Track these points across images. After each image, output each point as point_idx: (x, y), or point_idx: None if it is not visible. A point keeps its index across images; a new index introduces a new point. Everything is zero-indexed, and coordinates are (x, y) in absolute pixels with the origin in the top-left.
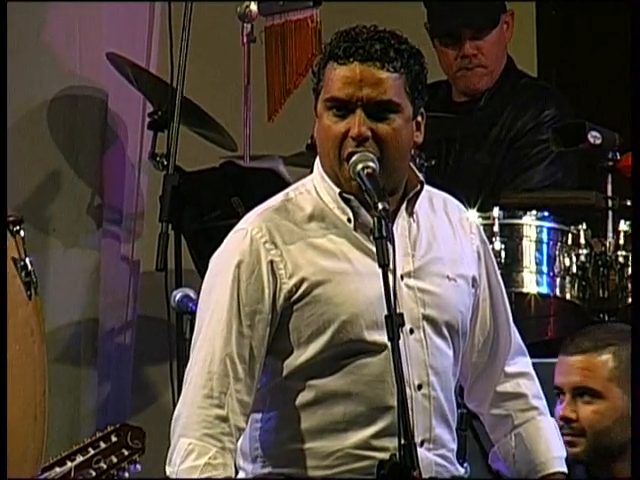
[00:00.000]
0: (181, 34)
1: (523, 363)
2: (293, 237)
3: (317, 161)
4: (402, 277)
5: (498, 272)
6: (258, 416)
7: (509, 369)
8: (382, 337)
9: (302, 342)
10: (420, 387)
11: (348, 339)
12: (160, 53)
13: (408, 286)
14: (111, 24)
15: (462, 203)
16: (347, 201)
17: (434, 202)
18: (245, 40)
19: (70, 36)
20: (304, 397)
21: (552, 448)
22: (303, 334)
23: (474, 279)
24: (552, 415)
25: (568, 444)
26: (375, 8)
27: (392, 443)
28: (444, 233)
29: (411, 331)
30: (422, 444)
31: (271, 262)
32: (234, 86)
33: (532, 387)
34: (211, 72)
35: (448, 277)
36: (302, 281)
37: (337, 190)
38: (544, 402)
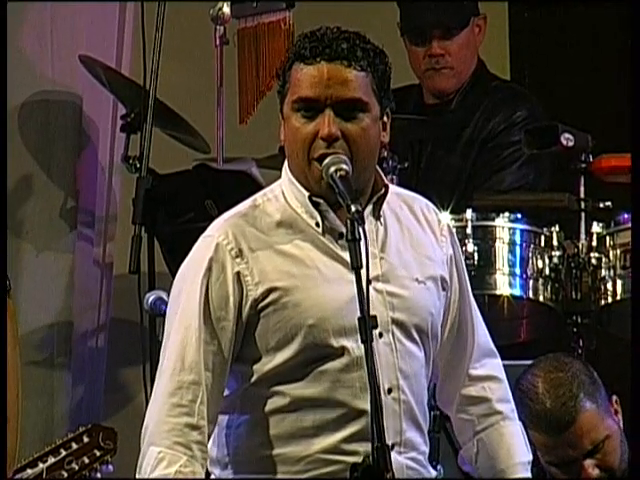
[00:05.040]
0: (154, 36)
1: (490, 366)
2: (260, 244)
3: (285, 165)
4: (370, 281)
5: (466, 275)
6: (228, 422)
7: (474, 372)
8: (350, 342)
9: (270, 349)
10: (390, 391)
11: (315, 344)
12: (132, 55)
13: (376, 290)
14: (83, 27)
15: (435, 205)
16: (316, 205)
17: (406, 204)
18: (218, 42)
19: (42, 39)
20: (274, 403)
21: (514, 454)
22: (271, 341)
23: (444, 280)
24: None
25: None
26: (347, 11)
27: (362, 447)
28: (414, 235)
29: (380, 335)
30: (393, 447)
31: (236, 270)
32: (207, 88)
33: (497, 391)
34: (184, 74)
35: (417, 280)
36: (269, 288)
37: (306, 194)
38: (511, 406)
